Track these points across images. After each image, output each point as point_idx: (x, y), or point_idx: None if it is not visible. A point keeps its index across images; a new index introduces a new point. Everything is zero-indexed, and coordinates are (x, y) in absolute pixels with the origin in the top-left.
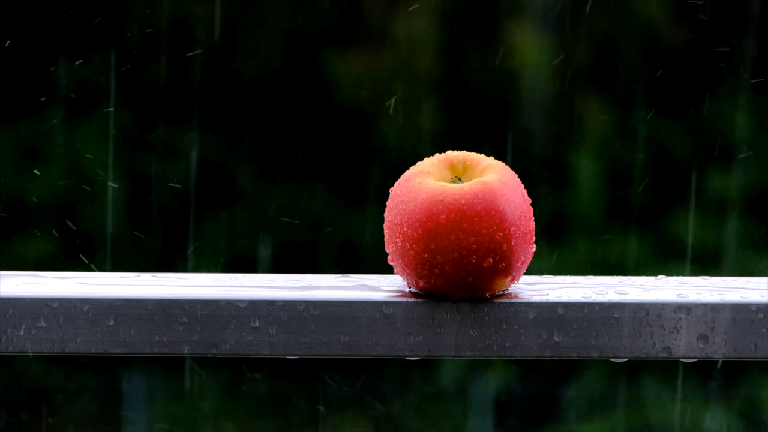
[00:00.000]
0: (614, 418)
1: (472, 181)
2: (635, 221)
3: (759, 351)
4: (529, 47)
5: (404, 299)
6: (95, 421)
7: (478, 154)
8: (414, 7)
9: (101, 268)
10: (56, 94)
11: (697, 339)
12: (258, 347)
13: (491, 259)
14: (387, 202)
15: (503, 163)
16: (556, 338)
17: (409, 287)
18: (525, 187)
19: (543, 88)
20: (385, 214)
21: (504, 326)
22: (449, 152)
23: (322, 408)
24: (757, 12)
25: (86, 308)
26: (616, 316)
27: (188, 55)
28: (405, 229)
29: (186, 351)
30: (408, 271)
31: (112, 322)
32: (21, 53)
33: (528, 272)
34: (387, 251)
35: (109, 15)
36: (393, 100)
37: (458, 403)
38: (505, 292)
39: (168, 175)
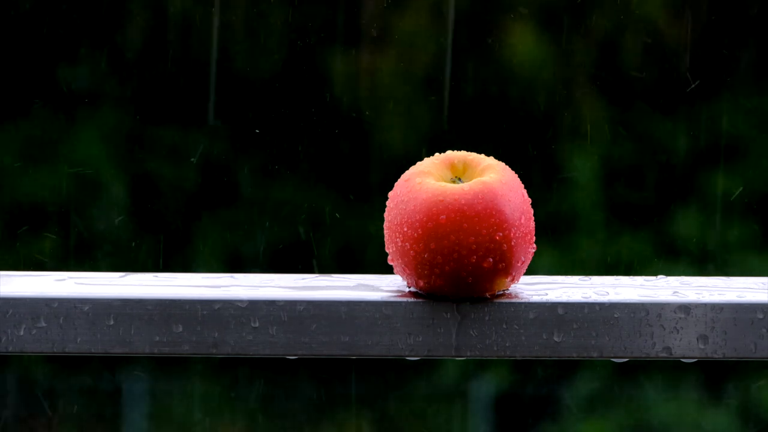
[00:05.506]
0: (614, 418)
1: (472, 181)
2: (635, 221)
3: (759, 351)
4: (529, 46)
5: (404, 299)
6: (95, 421)
7: (478, 154)
8: (413, 6)
9: (101, 268)
10: (56, 94)
11: (697, 339)
12: (258, 347)
13: (491, 259)
14: (387, 202)
15: (503, 163)
16: (556, 338)
17: (409, 287)
18: (525, 187)
19: (542, 88)
20: (385, 214)
21: (504, 326)
22: (449, 152)
23: (322, 408)
24: (757, 12)
25: (86, 308)
26: (616, 316)
27: (189, 54)
28: (405, 229)
29: (186, 351)
30: (408, 271)
31: (112, 322)
32: (21, 53)
33: (528, 272)
34: (387, 251)
35: (109, 14)
36: (392, 99)
37: (458, 403)
38: (505, 292)
39: (168, 174)
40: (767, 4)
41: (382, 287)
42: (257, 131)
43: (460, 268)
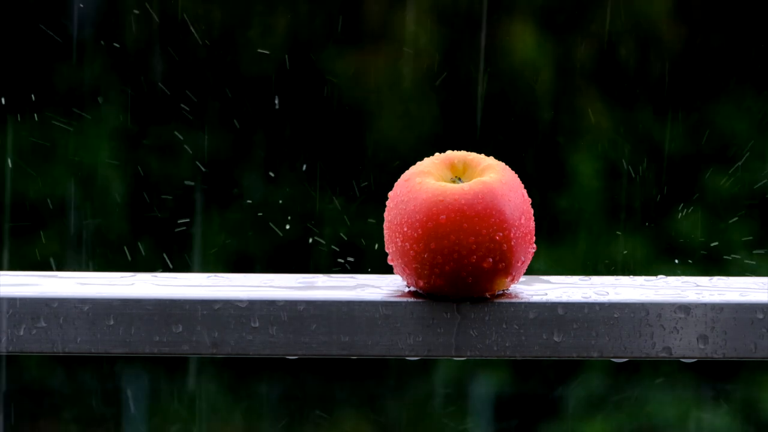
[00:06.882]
0: (614, 418)
1: (472, 181)
2: (635, 221)
3: (759, 351)
4: (529, 46)
5: (404, 299)
6: (95, 421)
7: (478, 154)
8: (413, 6)
9: (101, 268)
10: (56, 94)
11: (697, 339)
12: (258, 347)
13: (491, 259)
14: (387, 202)
15: (503, 163)
16: (556, 338)
17: (409, 287)
18: (525, 187)
19: (542, 88)
20: (385, 214)
21: (504, 326)
22: (449, 152)
23: (322, 408)
24: (757, 12)
25: (86, 308)
26: (616, 316)
27: (189, 54)
28: (405, 229)
29: (186, 351)
30: (408, 271)
31: (112, 322)
32: (21, 53)
33: (528, 272)
34: (387, 251)
35: (109, 14)
36: (392, 99)
37: (457, 403)
38: (505, 292)
39: (168, 174)
40: (765, 3)
41: (382, 287)
42: (257, 131)
43: (460, 268)
